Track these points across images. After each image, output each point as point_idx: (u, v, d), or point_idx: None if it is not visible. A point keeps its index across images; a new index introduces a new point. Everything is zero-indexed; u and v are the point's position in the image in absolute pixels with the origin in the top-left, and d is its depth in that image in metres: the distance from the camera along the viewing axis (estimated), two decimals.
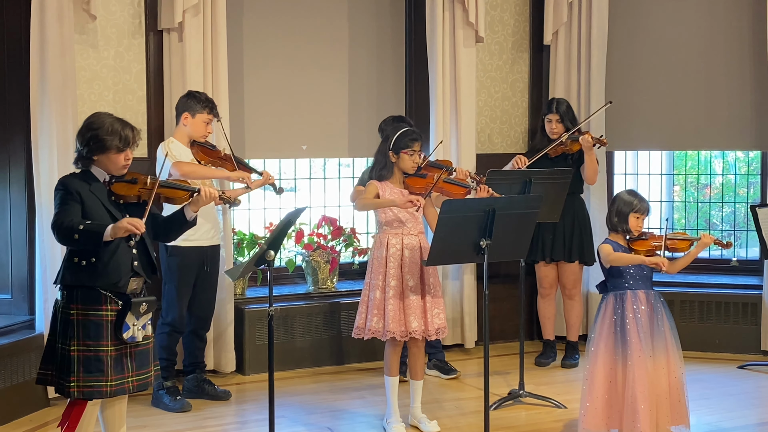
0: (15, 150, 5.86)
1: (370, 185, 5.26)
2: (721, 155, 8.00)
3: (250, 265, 4.52)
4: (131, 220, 4.00)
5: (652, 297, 4.99)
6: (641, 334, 4.90)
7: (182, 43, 6.11)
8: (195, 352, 5.94)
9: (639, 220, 5.01)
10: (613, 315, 4.97)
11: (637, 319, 4.92)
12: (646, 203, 5.04)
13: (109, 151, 4.13)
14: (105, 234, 3.98)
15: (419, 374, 5.33)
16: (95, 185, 4.15)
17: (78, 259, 4.07)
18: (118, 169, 4.18)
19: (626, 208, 5.00)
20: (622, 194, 5.10)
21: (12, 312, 5.88)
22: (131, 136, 4.18)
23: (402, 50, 7.27)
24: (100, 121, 4.17)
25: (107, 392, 4.07)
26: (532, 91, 7.53)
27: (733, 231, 7.86)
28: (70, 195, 4.07)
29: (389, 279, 5.16)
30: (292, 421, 5.53)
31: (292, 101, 6.92)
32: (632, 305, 4.95)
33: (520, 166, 6.40)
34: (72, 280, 4.08)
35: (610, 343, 4.95)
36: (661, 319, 4.97)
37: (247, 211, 7.07)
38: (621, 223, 5.00)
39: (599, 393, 4.94)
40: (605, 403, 4.94)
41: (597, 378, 4.96)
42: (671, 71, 7.39)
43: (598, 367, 4.96)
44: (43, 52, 5.60)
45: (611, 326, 4.96)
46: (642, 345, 4.88)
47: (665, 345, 4.94)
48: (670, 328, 4.99)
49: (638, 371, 4.85)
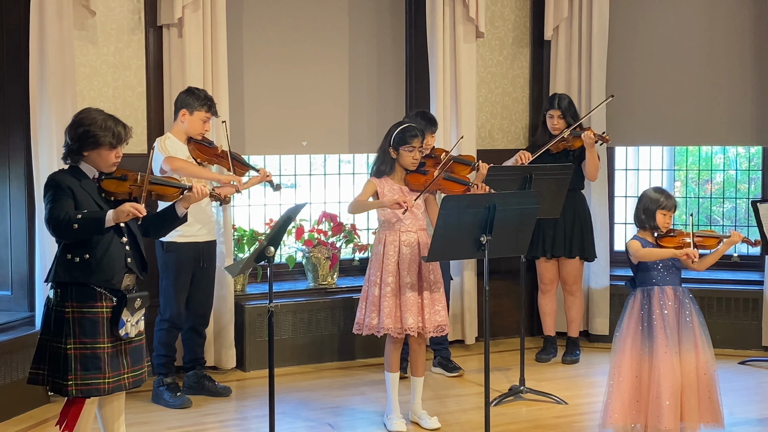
0: (15, 146, 5.85)
1: (368, 183, 5.26)
2: (722, 151, 7.98)
3: (250, 261, 4.51)
4: (133, 204, 4.00)
5: (680, 293, 4.98)
6: (668, 330, 4.89)
7: (182, 39, 6.10)
8: (194, 349, 5.93)
9: (666, 216, 5.01)
10: (641, 311, 4.97)
11: (664, 315, 4.91)
12: (673, 200, 5.04)
13: (101, 148, 4.10)
14: (107, 219, 3.97)
15: (420, 371, 5.32)
16: (85, 181, 4.12)
17: (71, 256, 4.05)
18: (108, 166, 4.16)
19: (653, 206, 4.99)
20: (648, 192, 5.09)
21: (12, 308, 5.88)
22: (123, 133, 4.15)
23: (402, 46, 7.25)
24: (91, 117, 4.13)
25: (105, 389, 4.06)
26: (533, 87, 7.52)
27: (734, 227, 7.84)
28: (62, 190, 4.04)
29: (386, 276, 5.15)
30: (293, 417, 5.53)
31: (292, 97, 6.91)
32: (659, 301, 4.94)
33: (523, 161, 6.39)
34: (65, 277, 4.06)
35: (637, 338, 4.95)
36: (689, 315, 4.95)
37: (247, 207, 7.06)
38: (648, 220, 5.00)
39: (625, 388, 4.94)
40: (631, 398, 4.93)
41: (623, 373, 4.95)
42: (672, 66, 7.37)
43: (625, 363, 4.96)
44: (43, 48, 5.59)
45: (638, 322, 4.96)
46: (668, 341, 4.87)
47: (694, 341, 4.93)
48: (700, 324, 4.97)
49: (663, 367, 4.84)
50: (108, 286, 4.08)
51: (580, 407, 5.69)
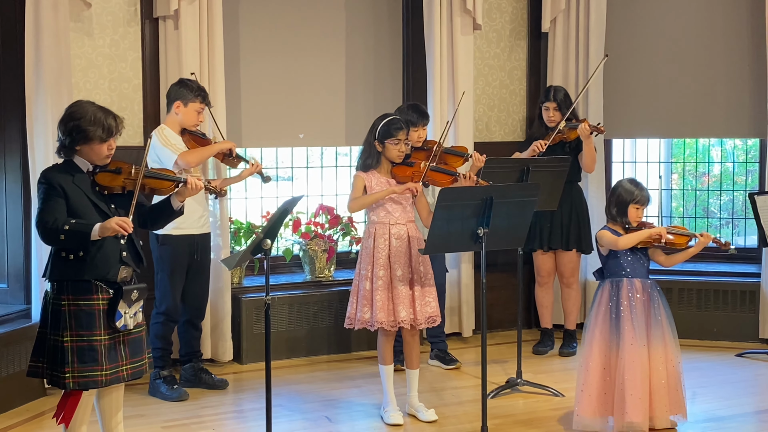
0: (10, 139, 5.84)
1: (357, 179, 5.24)
2: (720, 143, 7.97)
3: (247, 254, 4.50)
4: (119, 220, 3.97)
5: (649, 286, 4.99)
6: (635, 322, 4.90)
7: (178, 31, 6.08)
8: (191, 342, 5.92)
9: (639, 210, 5.01)
10: (609, 302, 4.97)
11: (632, 308, 4.92)
12: (647, 193, 5.03)
13: (92, 142, 4.07)
14: (92, 233, 3.95)
15: (415, 363, 5.32)
16: (78, 176, 4.10)
17: (65, 254, 4.04)
18: (102, 159, 4.13)
19: (627, 197, 4.99)
20: (623, 182, 5.09)
21: (8, 301, 5.88)
22: (114, 125, 4.11)
23: (399, 38, 7.23)
24: (82, 110, 4.10)
25: (102, 381, 4.05)
26: (530, 79, 7.51)
27: (731, 219, 7.85)
28: (53, 189, 4.02)
29: (377, 269, 5.14)
30: (290, 410, 5.53)
31: (288, 89, 6.89)
32: (628, 293, 4.94)
33: (540, 150, 6.38)
34: (60, 275, 4.06)
35: (605, 330, 4.95)
36: (657, 308, 4.96)
37: (243, 200, 7.05)
38: (620, 215, 5.00)
39: (594, 380, 4.95)
40: (599, 391, 4.94)
41: (591, 365, 4.96)
42: (669, 59, 7.36)
43: (593, 355, 4.97)
44: (38, 40, 5.58)
45: (606, 313, 4.96)
46: (635, 333, 4.88)
47: (662, 334, 4.94)
48: (667, 317, 4.99)
49: (629, 359, 4.85)
50: (104, 280, 4.07)
51: None
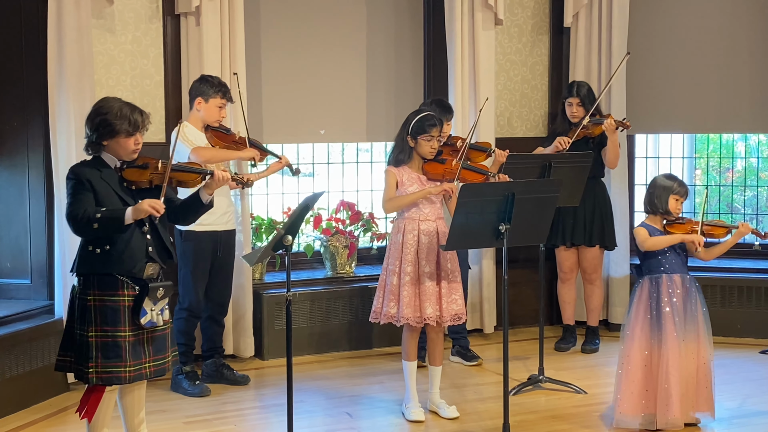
0: (33, 135, 5.86)
1: (389, 175, 5.22)
2: (744, 138, 7.91)
3: (268, 250, 4.50)
4: (151, 202, 4.00)
5: (688, 281, 4.97)
6: (676, 318, 4.87)
7: (199, 28, 6.09)
8: (213, 338, 5.94)
9: (678, 202, 5.01)
10: (649, 299, 4.95)
11: (672, 303, 4.90)
12: (686, 186, 5.06)
13: (119, 136, 4.10)
14: (126, 217, 3.98)
15: (438, 360, 5.31)
16: (106, 172, 4.12)
17: (92, 248, 4.06)
18: (129, 154, 4.16)
19: (666, 191, 4.98)
20: (659, 178, 5.09)
21: (31, 297, 5.90)
22: (140, 120, 4.14)
23: (420, 33, 7.21)
24: (108, 105, 4.13)
25: (126, 378, 4.07)
26: (552, 75, 7.47)
27: (755, 215, 7.78)
28: (81, 184, 4.05)
29: (405, 265, 5.13)
30: (311, 406, 5.53)
31: (309, 85, 6.89)
32: (668, 289, 4.92)
33: (564, 146, 6.36)
34: (87, 269, 4.08)
35: (646, 327, 4.93)
36: (695, 303, 4.94)
37: (265, 196, 7.06)
38: (662, 204, 4.98)
39: (635, 377, 4.92)
40: (641, 388, 4.91)
41: (633, 362, 4.93)
42: (693, 53, 7.31)
43: (634, 352, 4.94)
44: (61, 37, 5.60)
45: (647, 310, 4.94)
46: (677, 330, 4.85)
47: (697, 330, 4.92)
48: (703, 314, 4.96)
49: (672, 357, 4.83)
50: (130, 275, 4.09)
51: (600, 396, 5.66)
